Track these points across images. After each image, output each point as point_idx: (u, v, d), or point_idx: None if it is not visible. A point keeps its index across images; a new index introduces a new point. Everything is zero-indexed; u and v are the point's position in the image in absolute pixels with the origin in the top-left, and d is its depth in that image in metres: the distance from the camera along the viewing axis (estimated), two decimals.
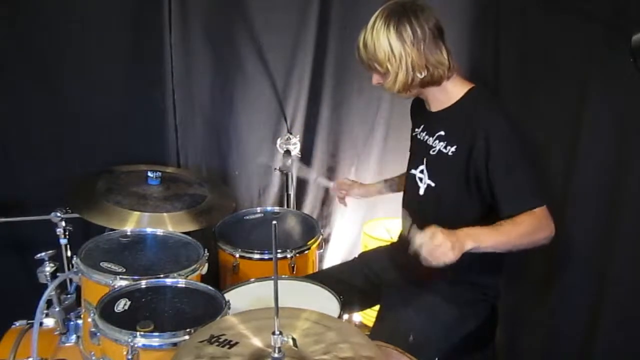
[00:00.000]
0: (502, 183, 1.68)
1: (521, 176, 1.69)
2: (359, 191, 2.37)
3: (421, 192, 1.86)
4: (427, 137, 1.87)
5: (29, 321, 1.97)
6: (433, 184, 1.84)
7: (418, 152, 1.91)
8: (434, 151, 1.82)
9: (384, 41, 1.70)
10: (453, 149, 1.77)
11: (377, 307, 2.01)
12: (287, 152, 2.68)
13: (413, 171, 1.91)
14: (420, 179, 1.87)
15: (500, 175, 1.68)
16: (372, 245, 2.53)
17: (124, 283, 1.73)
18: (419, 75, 1.73)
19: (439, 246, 1.56)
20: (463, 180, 1.76)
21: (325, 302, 1.84)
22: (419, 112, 1.97)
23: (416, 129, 1.95)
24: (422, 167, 1.87)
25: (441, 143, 1.81)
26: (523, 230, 1.65)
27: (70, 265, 1.99)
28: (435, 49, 1.73)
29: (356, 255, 2.27)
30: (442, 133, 1.81)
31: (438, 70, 1.74)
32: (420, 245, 1.58)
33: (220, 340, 1.30)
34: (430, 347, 1.80)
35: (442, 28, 1.75)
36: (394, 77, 1.74)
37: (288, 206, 2.72)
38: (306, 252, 2.24)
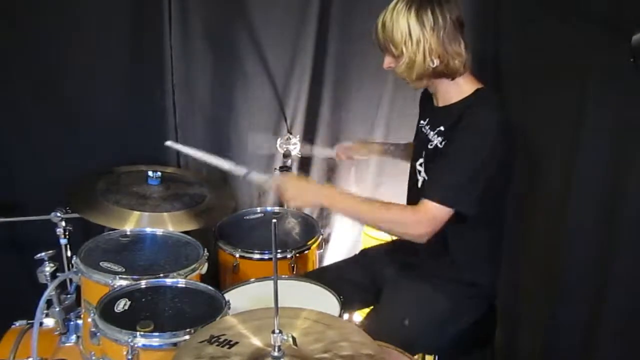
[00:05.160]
0: (435, 166, 1.76)
1: (451, 174, 1.70)
2: (363, 151, 2.42)
3: (420, 184, 1.86)
4: (429, 130, 1.87)
5: (29, 321, 1.97)
6: (427, 177, 1.84)
7: (419, 145, 1.91)
8: (431, 145, 1.82)
9: (403, 23, 1.69)
10: (445, 143, 1.77)
11: None
12: (287, 152, 2.67)
13: (414, 163, 1.91)
14: (419, 172, 1.87)
15: (439, 160, 1.74)
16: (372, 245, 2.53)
17: (123, 283, 1.73)
18: (432, 63, 1.71)
19: (287, 190, 1.84)
20: None
21: (326, 301, 1.84)
22: (427, 105, 1.96)
23: (422, 121, 1.94)
24: (421, 159, 1.87)
25: (439, 138, 1.80)
26: (387, 217, 1.73)
27: (70, 265, 1.98)
28: (454, 39, 1.71)
29: (357, 253, 2.27)
30: (442, 128, 1.81)
31: (455, 61, 1.72)
32: (276, 185, 1.87)
33: (220, 340, 1.31)
34: (425, 335, 1.80)
35: (463, 22, 1.75)
36: (407, 61, 1.72)
37: (288, 206, 2.71)
38: (306, 252, 2.24)
